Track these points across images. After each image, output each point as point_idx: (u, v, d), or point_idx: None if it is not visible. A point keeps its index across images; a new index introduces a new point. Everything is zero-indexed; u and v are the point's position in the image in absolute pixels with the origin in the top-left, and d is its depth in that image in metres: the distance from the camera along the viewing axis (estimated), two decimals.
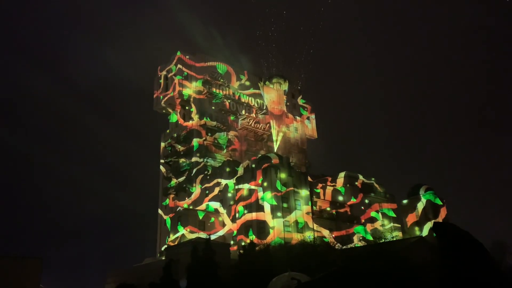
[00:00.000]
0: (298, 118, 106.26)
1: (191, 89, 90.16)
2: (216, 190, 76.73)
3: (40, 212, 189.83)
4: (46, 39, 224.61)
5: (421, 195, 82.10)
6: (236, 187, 69.66)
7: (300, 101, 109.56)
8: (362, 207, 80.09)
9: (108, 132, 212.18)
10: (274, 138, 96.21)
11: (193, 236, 64.04)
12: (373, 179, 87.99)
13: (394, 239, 61.80)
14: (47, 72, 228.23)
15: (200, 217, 70.52)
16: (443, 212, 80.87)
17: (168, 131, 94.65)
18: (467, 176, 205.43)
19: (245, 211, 65.79)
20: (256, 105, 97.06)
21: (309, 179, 75.48)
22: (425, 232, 77.01)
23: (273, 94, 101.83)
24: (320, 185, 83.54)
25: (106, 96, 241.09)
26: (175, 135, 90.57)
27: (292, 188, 66.78)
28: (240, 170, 73.87)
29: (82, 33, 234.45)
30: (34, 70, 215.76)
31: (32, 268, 54.99)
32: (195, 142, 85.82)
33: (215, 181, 77.76)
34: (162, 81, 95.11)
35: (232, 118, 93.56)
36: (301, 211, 66.35)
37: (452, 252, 20.69)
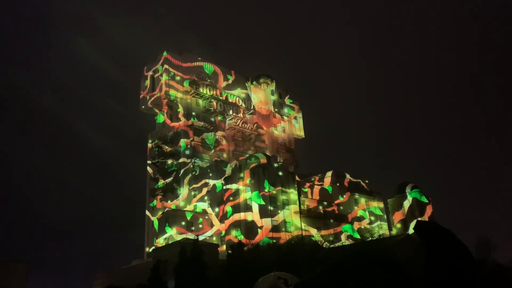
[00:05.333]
0: (285, 117, 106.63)
1: (178, 89, 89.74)
2: (204, 190, 76.60)
3: (26, 214, 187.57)
4: (29, 34, 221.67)
5: (407, 193, 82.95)
6: (224, 187, 69.65)
7: (287, 100, 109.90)
8: (350, 206, 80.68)
9: (95, 133, 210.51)
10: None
11: (181, 237, 63.84)
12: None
13: (381, 237, 62.40)
14: (29, 70, 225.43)
15: (188, 218, 70.36)
16: (429, 210, 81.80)
17: (152, 132, 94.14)
18: (453, 174, 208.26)
19: (233, 211, 65.80)
20: (243, 105, 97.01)
21: (297, 178, 75.85)
22: (412, 229, 77.86)
23: (260, 94, 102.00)
24: (307, 184, 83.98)
25: (92, 96, 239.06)
26: (164, 137, 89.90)
27: (280, 188, 67.04)
28: (228, 170, 73.86)
29: (66, 31, 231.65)
30: (17, 67, 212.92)
31: (18, 271, 54.45)
32: (183, 142, 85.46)
33: (203, 181, 77.65)
34: (148, 81, 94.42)
35: (219, 118, 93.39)
36: (289, 211, 66.64)
37: (435, 249, 21.08)
